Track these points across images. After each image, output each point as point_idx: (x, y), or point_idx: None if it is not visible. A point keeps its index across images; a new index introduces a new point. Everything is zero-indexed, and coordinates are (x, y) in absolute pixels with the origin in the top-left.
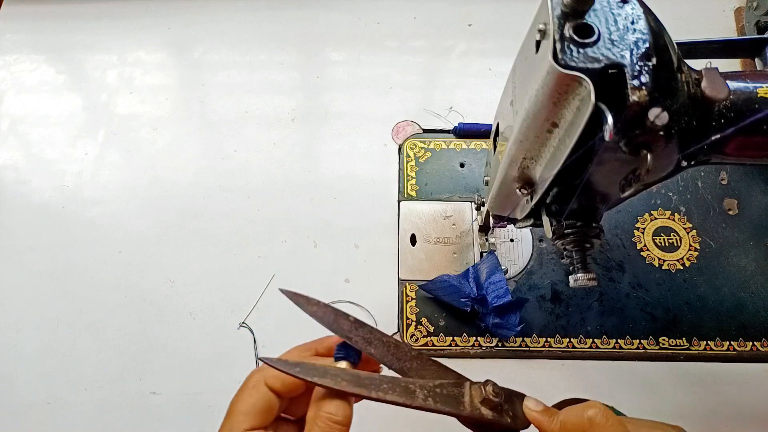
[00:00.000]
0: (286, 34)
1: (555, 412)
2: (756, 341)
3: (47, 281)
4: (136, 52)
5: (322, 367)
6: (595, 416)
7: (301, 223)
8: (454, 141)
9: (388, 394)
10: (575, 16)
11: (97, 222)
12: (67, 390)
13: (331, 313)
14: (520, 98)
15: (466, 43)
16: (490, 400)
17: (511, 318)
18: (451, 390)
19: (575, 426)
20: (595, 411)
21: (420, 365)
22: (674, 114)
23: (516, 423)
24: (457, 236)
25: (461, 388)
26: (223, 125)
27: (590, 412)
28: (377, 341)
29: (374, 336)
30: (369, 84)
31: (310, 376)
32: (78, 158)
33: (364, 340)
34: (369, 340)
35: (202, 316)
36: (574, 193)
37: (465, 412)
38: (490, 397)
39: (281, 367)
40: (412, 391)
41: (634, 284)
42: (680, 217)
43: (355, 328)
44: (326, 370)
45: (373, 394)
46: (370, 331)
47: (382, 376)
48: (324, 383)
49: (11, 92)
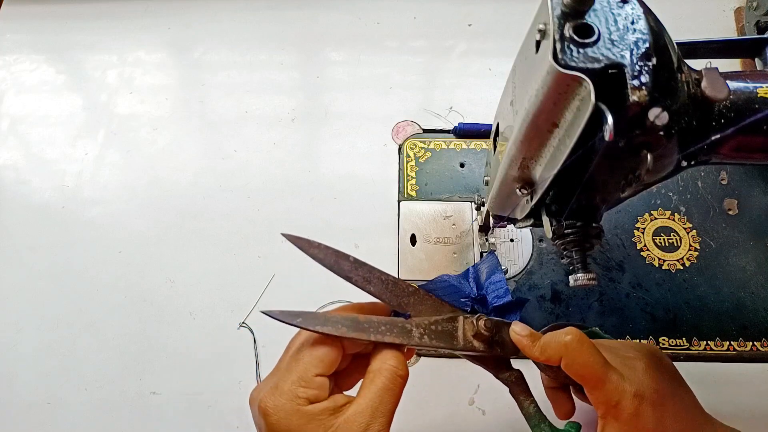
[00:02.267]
0: (286, 34)
1: (538, 336)
2: (756, 341)
3: (47, 281)
4: (136, 52)
5: (322, 315)
6: (571, 342)
7: (301, 223)
8: (454, 141)
9: (386, 335)
10: (575, 16)
11: (97, 222)
12: (67, 390)
13: (332, 255)
14: (520, 98)
15: (466, 43)
16: (482, 334)
17: (511, 318)
18: (446, 326)
19: (554, 350)
20: (571, 337)
21: (417, 300)
22: (674, 114)
23: (505, 351)
24: (457, 236)
25: (455, 323)
26: (223, 125)
27: (567, 338)
28: (376, 279)
29: (373, 275)
30: (369, 84)
31: (312, 325)
32: (78, 158)
33: (363, 279)
34: (368, 279)
35: (202, 316)
36: (574, 193)
37: (458, 347)
38: (482, 331)
39: (283, 318)
40: (409, 331)
41: (634, 284)
42: (680, 217)
43: (355, 268)
44: (326, 318)
45: (372, 336)
46: (369, 270)
47: (380, 319)
48: (325, 331)
49: (11, 92)
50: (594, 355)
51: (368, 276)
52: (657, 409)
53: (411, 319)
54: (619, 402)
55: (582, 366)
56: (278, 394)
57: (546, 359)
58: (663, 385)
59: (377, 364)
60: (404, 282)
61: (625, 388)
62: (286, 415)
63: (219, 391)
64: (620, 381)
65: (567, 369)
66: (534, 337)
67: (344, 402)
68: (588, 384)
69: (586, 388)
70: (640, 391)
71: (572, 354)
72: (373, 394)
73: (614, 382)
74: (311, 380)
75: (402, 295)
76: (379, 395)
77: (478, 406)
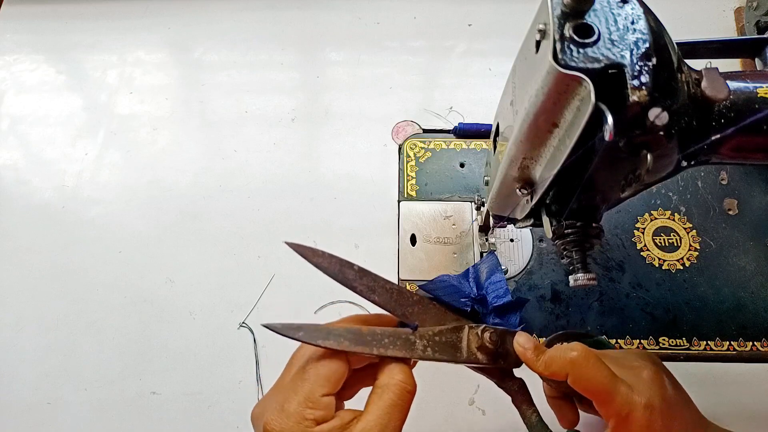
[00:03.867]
0: (286, 34)
1: (543, 350)
2: (756, 341)
3: (47, 281)
4: (136, 52)
5: (324, 328)
6: (577, 358)
7: (301, 223)
8: (454, 141)
9: (389, 348)
10: (575, 16)
11: (97, 222)
12: (67, 390)
13: (337, 264)
14: (520, 98)
15: (466, 43)
16: (486, 347)
17: (512, 318)
18: (450, 337)
19: (559, 366)
20: (576, 354)
21: (421, 309)
22: (674, 114)
23: (508, 363)
24: (457, 236)
25: (459, 333)
26: (223, 125)
27: (572, 354)
28: (381, 289)
29: (378, 284)
30: (369, 84)
31: (313, 340)
32: (78, 158)
33: (368, 288)
34: (373, 288)
35: (202, 316)
36: (574, 193)
37: (461, 359)
38: (486, 344)
39: (284, 332)
40: (412, 343)
41: (634, 284)
42: (680, 217)
43: (360, 277)
44: (329, 331)
45: (375, 350)
46: (374, 279)
47: (384, 331)
48: (327, 345)
49: (11, 92)
50: (601, 369)
51: (373, 285)
52: (666, 418)
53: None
54: (630, 413)
55: (590, 382)
56: (285, 416)
57: (551, 375)
58: (669, 394)
59: (385, 379)
60: (408, 291)
61: (635, 400)
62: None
63: (219, 391)
64: (630, 393)
65: (574, 385)
66: (538, 351)
67: (351, 418)
68: (598, 398)
69: (596, 402)
70: (650, 401)
71: (579, 370)
72: (381, 410)
73: (624, 394)
74: (318, 401)
75: (406, 305)
76: (388, 412)
77: (478, 406)
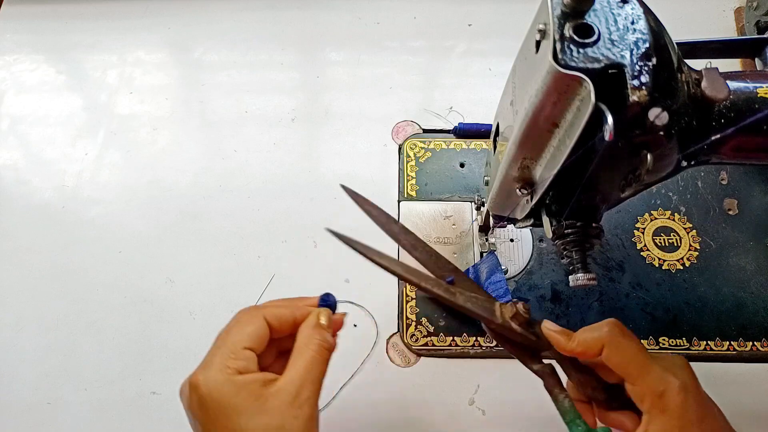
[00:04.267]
0: (286, 34)
1: (572, 333)
2: (756, 341)
3: (47, 281)
4: (136, 52)
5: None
6: (613, 329)
7: (301, 223)
8: (454, 141)
9: (434, 287)
10: (575, 16)
11: (97, 222)
12: (67, 390)
13: (384, 215)
14: (520, 98)
15: (466, 43)
16: (521, 316)
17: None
18: (485, 303)
19: (595, 340)
20: (612, 326)
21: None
22: (674, 114)
23: (539, 343)
24: (457, 236)
25: (492, 304)
26: (223, 125)
27: (607, 328)
28: (422, 248)
29: (419, 243)
30: (369, 84)
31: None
32: (78, 158)
33: (410, 245)
34: (414, 245)
35: (202, 316)
36: (574, 193)
37: (497, 323)
38: (521, 313)
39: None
40: (453, 293)
41: (634, 284)
42: (680, 217)
43: (403, 233)
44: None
45: (423, 283)
46: (415, 239)
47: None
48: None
49: (11, 92)
50: (637, 344)
51: (415, 243)
52: (701, 406)
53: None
54: (665, 392)
55: (625, 354)
56: (207, 367)
57: (583, 350)
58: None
59: (303, 339)
60: (445, 258)
61: (670, 379)
62: (217, 385)
63: None
64: (664, 372)
65: (609, 359)
66: (567, 333)
67: (273, 377)
68: (632, 374)
69: (629, 379)
70: (685, 383)
71: (615, 342)
72: (302, 365)
73: (658, 372)
74: (240, 352)
75: (444, 269)
76: (308, 366)
77: (478, 406)
